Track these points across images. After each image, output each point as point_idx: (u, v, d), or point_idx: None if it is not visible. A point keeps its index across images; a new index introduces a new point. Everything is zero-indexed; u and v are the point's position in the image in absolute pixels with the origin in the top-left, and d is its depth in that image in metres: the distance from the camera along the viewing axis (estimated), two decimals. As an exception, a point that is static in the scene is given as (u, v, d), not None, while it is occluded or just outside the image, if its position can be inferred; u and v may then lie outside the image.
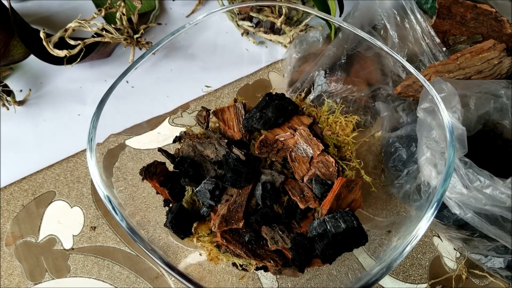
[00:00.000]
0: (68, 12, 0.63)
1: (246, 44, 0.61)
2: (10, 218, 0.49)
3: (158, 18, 0.64)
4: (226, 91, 0.56)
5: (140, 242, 0.32)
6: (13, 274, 0.46)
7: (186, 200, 0.41)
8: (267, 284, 0.44)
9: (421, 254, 0.47)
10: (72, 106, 0.57)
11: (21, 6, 0.63)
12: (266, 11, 0.57)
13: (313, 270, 0.41)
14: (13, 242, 0.48)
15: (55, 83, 0.59)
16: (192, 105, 0.52)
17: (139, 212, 0.40)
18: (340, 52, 0.50)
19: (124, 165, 0.42)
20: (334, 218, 0.36)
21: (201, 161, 0.42)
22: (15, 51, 0.54)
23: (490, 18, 0.50)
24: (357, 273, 0.38)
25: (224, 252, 0.39)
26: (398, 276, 0.46)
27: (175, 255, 0.39)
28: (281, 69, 0.58)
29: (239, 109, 0.46)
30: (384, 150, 0.47)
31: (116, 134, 0.42)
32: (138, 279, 0.46)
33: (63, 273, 0.46)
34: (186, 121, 0.50)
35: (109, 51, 0.60)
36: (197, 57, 0.50)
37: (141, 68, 0.41)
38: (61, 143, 0.54)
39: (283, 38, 0.57)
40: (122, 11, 0.52)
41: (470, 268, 0.45)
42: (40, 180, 0.51)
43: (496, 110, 0.42)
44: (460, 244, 0.45)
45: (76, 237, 0.48)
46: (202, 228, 0.40)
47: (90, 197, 0.50)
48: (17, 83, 0.58)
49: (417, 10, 0.51)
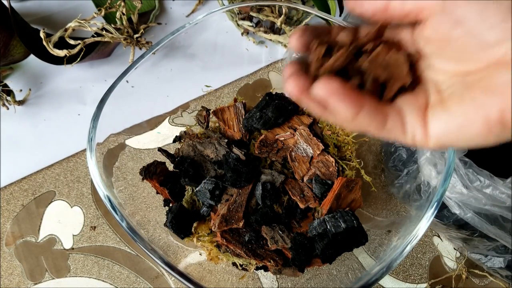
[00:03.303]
0: (68, 12, 0.63)
1: (246, 44, 0.60)
2: (10, 218, 0.49)
3: (158, 18, 0.64)
4: (226, 91, 0.56)
5: (140, 242, 0.32)
6: (13, 274, 0.46)
7: (186, 200, 0.41)
8: (267, 284, 0.44)
9: (421, 253, 0.47)
10: (72, 106, 0.57)
11: (21, 5, 0.63)
12: (266, 10, 0.57)
13: (313, 269, 0.41)
14: (13, 242, 0.48)
15: (55, 83, 0.59)
16: (192, 104, 0.52)
17: (139, 211, 0.40)
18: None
19: (124, 165, 0.42)
20: (334, 218, 0.36)
21: (201, 161, 0.42)
22: (15, 50, 0.54)
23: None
24: (357, 273, 0.38)
25: (224, 252, 0.39)
26: (398, 276, 0.46)
27: (175, 255, 0.39)
28: (281, 68, 0.58)
29: (239, 109, 0.46)
30: (384, 150, 0.47)
31: (116, 134, 0.42)
32: (138, 278, 0.46)
33: (63, 273, 0.46)
34: (186, 120, 0.50)
35: (109, 51, 0.60)
36: (197, 56, 0.50)
37: (141, 67, 0.41)
38: (61, 143, 0.54)
39: (283, 38, 0.57)
40: (122, 10, 0.52)
41: (470, 267, 0.45)
42: (40, 180, 0.51)
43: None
44: (460, 244, 0.45)
45: (76, 236, 0.48)
46: (202, 228, 0.40)
47: (90, 197, 0.50)
48: (17, 82, 0.58)
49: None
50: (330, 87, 0.22)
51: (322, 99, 0.22)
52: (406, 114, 0.23)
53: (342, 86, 0.22)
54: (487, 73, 0.21)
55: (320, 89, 0.22)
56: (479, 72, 0.21)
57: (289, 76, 0.23)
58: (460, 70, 0.23)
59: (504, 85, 0.20)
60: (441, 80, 0.24)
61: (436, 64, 0.24)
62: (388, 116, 0.23)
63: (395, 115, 0.23)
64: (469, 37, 0.21)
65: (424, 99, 0.24)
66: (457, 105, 0.21)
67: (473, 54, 0.21)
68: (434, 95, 0.24)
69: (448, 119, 0.22)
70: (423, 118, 0.23)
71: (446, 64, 0.23)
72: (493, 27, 0.20)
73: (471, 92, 0.21)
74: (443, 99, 0.23)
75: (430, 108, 0.23)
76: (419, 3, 0.22)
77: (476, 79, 0.21)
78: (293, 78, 0.23)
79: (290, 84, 0.23)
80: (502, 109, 0.20)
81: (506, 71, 0.20)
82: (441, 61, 0.24)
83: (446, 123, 0.22)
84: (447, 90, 0.23)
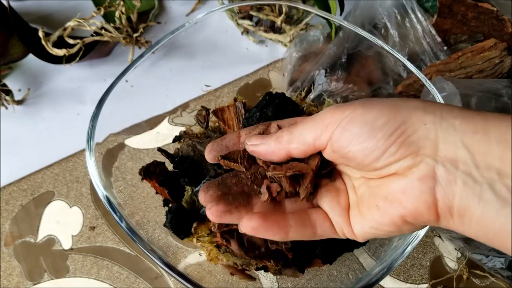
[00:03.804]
0: (67, 11, 0.63)
1: (246, 43, 0.60)
2: (9, 218, 0.49)
3: (158, 17, 0.64)
4: (226, 90, 0.56)
5: (139, 242, 0.32)
6: (12, 274, 0.46)
7: (185, 200, 0.41)
8: (267, 284, 0.44)
9: (422, 254, 0.47)
10: (71, 106, 0.57)
11: (20, 5, 0.63)
12: (266, 9, 0.56)
13: (314, 270, 0.40)
14: (12, 242, 0.48)
15: (54, 82, 0.58)
16: (192, 104, 0.51)
17: (139, 212, 0.39)
18: (340, 51, 0.50)
19: (124, 165, 0.42)
20: (335, 218, 0.36)
21: (200, 160, 0.42)
22: (14, 50, 0.54)
23: (491, 17, 0.49)
24: (358, 273, 0.38)
25: (224, 252, 0.39)
26: (399, 276, 0.46)
27: (174, 255, 0.39)
28: (281, 68, 0.58)
29: (239, 109, 0.45)
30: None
31: (115, 133, 0.41)
32: (137, 279, 0.46)
33: (62, 273, 0.46)
34: (185, 120, 0.50)
35: (108, 50, 0.59)
36: (197, 56, 0.50)
37: (141, 67, 0.40)
38: (60, 142, 0.54)
39: (283, 37, 0.57)
40: (122, 10, 0.52)
41: (471, 268, 0.45)
42: (39, 180, 0.51)
43: (498, 109, 0.42)
44: (461, 244, 0.45)
45: (75, 237, 0.48)
46: (202, 228, 0.40)
47: (89, 197, 0.50)
48: (16, 82, 0.58)
49: (417, 9, 0.51)
50: (251, 224, 0.25)
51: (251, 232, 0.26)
52: (332, 217, 0.27)
53: (264, 220, 0.26)
54: (384, 182, 0.23)
55: (245, 228, 0.26)
56: (378, 179, 0.24)
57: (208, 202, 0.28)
58: (364, 176, 0.26)
59: (399, 194, 0.22)
60: (352, 175, 0.27)
61: (344, 170, 0.28)
62: (316, 225, 0.27)
63: (322, 220, 0.27)
64: (363, 166, 0.24)
65: (345, 198, 0.27)
66: (368, 211, 0.25)
67: (370, 172, 0.24)
68: (352, 193, 0.27)
69: (364, 223, 0.25)
70: (347, 218, 0.26)
71: (352, 170, 0.27)
72: (378, 159, 0.23)
73: (375, 199, 0.24)
74: (358, 201, 0.26)
75: (351, 209, 0.26)
76: (315, 148, 0.26)
77: (376, 185, 0.24)
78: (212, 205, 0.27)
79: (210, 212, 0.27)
80: (402, 215, 0.22)
81: (397, 179, 0.22)
82: (347, 169, 0.27)
83: (362, 226, 0.25)
84: (359, 189, 0.26)
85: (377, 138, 0.22)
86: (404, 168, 0.22)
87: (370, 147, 0.23)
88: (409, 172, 0.22)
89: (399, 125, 0.22)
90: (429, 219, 0.22)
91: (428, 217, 0.22)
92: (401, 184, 0.22)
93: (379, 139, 0.22)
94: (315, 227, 0.26)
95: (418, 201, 0.21)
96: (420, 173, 0.21)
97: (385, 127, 0.22)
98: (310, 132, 0.25)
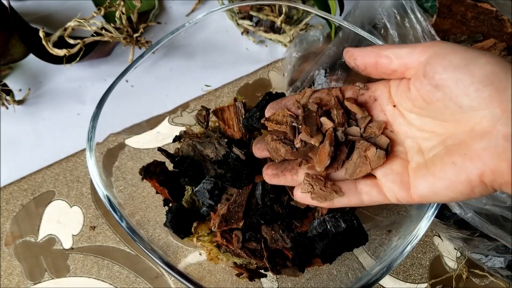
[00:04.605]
0: (68, 11, 0.63)
1: (246, 43, 0.60)
2: (10, 217, 0.49)
3: (158, 17, 0.64)
4: (226, 90, 0.56)
5: (139, 242, 0.32)
6: (13, 274, 0.46)
7: (186, 200, 0.41)
8: (267, 284, 0.44)
9: (422, 253, 0.47)
10: (72, 106, 0.57)
11: (21, 5, 0.63)
12: (266, 10, 0.56)
13: (313, 269, 0.40)
14: (13, 242, 0.48)
15: (55, 82, 0.58)
16: (192, 104, 0.52)
17: (139, 211, 0.40)
18: (340, 51, 0.50)
19: (124, 165, 0.42)
20: (334, 217, 0.36)
21: (201, 160, 0.42)
22: (14, 50, 0.54)
23: (491, 17, 0.49)
24: (358, 273, 0.38)
25: (224, 252, 0.39)
26: (398, 276, 0.46)
27: (174, 254, 0.39)
28: (281, 68, 0.58)
29: (239, 108, 0.45)
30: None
31: (115, 133, 0.42)
32: (137, 278, 0.46)
33: (63, 272, 0.46)
34: (185, 120, 0.50)
35: (109, 50, 0.59)
36: (197, 56, 0.50)
37: (141, 67, 0.40)
38: (60, 142, 0.54)
39: (283, 37, 0.57)
40: (122, 10, 0.52)
41: (470, 267, 0.45)
42: (40, 179, 0.51)
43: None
44: (460, 244, 0.45)
45: (75, 236, 0.48)
46: (202, 228, 0.40)
47: (89, 197, 0.50)
48: (16, 82, 0.58)
49: (417, 9, 0.51)
50: (304, 196, 0.29)
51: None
52: (384, 183, 0.27)
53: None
54: (464, 139, 0.23)
55: (300, 198, 0.29)
56: (457, 135, 0.24)
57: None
58: (438, 130, 0.25)
59: (480, 151, 0.22)
60: (419, 137, 0.27)
61: (413, 120, 0.27)
62: (362, 192, 0.28)
63: (369, 188, 0.28)
64: (447, 101, 0.24)
65: (401, 164, 0.27)
66: (441, 169, 0.24)
67: (450, 116, 0.24)
68: (417, 157, 0.27)
69: (434, 181, 0.24)
70: (403, 182, 0.26)
71: (423, 121, 0.26)
72: (468, 95, 0.22)
73: (452, 156, 0.23)
74: (427, 161, 0.25)
75: (416, 171, 0.26)
76: (404, 63, 0.26)
77: (455, 144, 0.24)
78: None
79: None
80: (481, 172, 0.22)
81: (480, 139, 0.22)
82: (418, 118, 0.27)
83: (432, 184, 0.24)
84: (430, 152, 0.26)
85: (474, 76, 0.22)
86: (489, 120, 0.22)
87: (465, 79, 0.22)
88: (494, 129, 0.21)
89: (498, 81, 0.22)
90: (507, 180, 0.21)
91: (507, 178, 0.21)
92: (483, 140, 0.22)
93: (476, 77, 0.22)
94: (360, 195, 0.28)
95: (500, 159, 0.21)
96: (506, 131, 0.21)
97: (484, 73, 0.22)
98: (407, 47, 0.26)
